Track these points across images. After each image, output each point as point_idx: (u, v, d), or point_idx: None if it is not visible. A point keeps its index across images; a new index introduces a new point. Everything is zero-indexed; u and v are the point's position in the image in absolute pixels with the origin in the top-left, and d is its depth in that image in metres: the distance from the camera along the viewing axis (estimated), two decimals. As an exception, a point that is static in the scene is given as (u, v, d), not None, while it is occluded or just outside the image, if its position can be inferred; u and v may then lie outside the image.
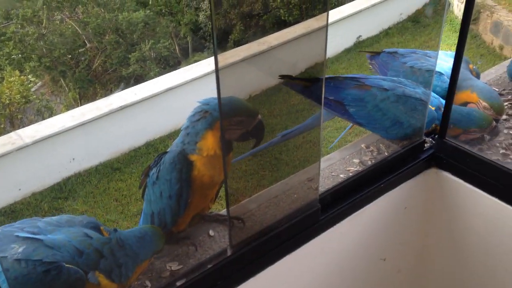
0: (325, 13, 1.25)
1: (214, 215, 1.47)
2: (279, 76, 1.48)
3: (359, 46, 8.59)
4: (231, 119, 1.28)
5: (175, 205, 1.34)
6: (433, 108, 1.72)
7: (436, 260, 1.86)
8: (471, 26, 8.75)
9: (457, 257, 1.79)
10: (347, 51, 8.70)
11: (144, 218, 1.40)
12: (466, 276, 1.81)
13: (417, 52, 1.89)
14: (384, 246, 1.74)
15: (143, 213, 1.42)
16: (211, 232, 1.44)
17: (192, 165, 1.33)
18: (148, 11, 10.38)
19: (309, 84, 1.43)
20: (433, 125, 1.73)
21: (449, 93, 1.62)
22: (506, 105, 1.96)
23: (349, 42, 8.50)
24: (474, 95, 1.75)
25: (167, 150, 1.38)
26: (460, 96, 1.78)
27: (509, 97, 2.01)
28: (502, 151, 1.73)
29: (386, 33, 8.90)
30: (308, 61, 1.40)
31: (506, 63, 2.21)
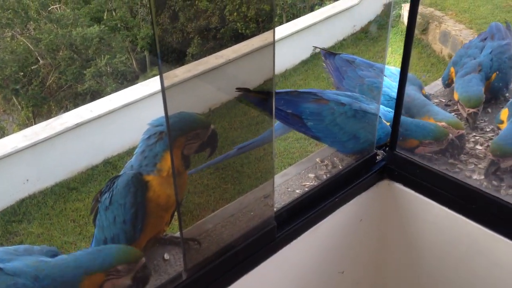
0: (271, 30, 1.25)
1: (169, 237, 1.44)
2: (236, 88, 1.48)
3: (316, 57, 8.75)
4: (187, 135, 1.28)
5: (130, 230, 1.31)
6: (388, 123, 1.77)
7: (393, 270, 1.90)
8: (422, 36, 9.06)
9: (413, 266, 1.84)
10: (304, 62, 8.84)
11: (96, 244, 1.36)
12: (423, 283, 1.86)
13: (375, 67, 1.94)
14: (341, 259, 1.76)
15: (94, 239, 1.37)
16: (166, 256, 1.41)
17: (148, 186, 1.31)
18: (103, 26, 10.21)
19: (265, 97, 1.45)
20: (389, 139, 1.78)
21: (397, 108, 1.66)
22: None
23: (305, 53, 8.66)
24: (432, 120, 1.81)
25: (120, 174, 1.35)
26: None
27: (455, 107, 2.09)
28: (450, 160, 1.79)
29: (341, 44, 9.10)
30: (259, 76, 1.40)
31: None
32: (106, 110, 6.29)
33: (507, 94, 2.03)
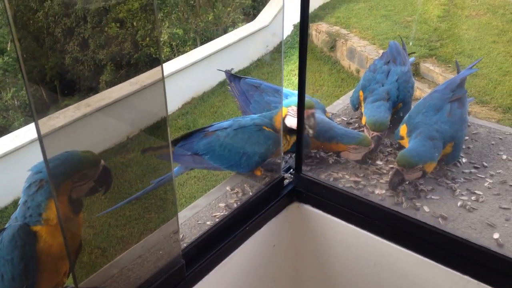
0: (159, 67, 1.23)
1: (69, 289, 1.35)
2: (142, 150, 1.55)
3: (233, 78, 8.79)
4: (73, 178, 1.20)
5: (19, 287, 1.20)
6: None
7: (310, 290, 1.92)
8: (331, 54, 9.47)
9: (328, 284, 1.87)
10: (222, 84, 8.89)
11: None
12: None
13: (280, 91, 1.97)
14: (257, 287, 1.75)
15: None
16: (67, 311, 1.32)
17: (37, 237, 1.21)
18: (7, 57, 9.61)
19: (167, 150, 1.44)
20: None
21: (299, 132, 1.70)
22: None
23: (223, 75, 8.68)
24: (340, 145, 1.86)
25: (5, 227, 1.24)
26: (330, 147, 1.91)
27: (356, 125, 2.18)
28: (353, 178, 1.85)
29: (256, 65, 9.28)
30: (152, 113, 1.37)
31: (352, 92, 2.40)
32: (14, 147, 5.89)
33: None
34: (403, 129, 1.90)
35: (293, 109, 1.76)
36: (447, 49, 8.08)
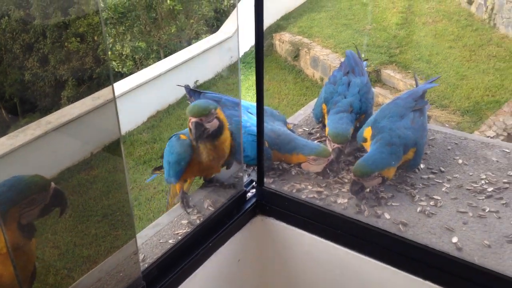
0: (109, 87, 1.20)
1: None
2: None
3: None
4: (20, 204, 1.15)
5: None
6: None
7: (278, 302, 1.91)
8: (295, 63, 9.56)
9: (295, 296, 1.86)
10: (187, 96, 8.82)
11: None
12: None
13: (240, 105, 1.97)
14: (223, 303, 1.72)
15: None
16: None
17: None
18: (-38, 75, 9.29)
19: None
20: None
21: (259, 146, 1.70)
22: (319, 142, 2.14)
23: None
24: (301, 156, 1.87)
25: None
26: (291, 159, 1.91)
27: (318, 135, 2.20)
28: (315, 188, 1.86)
29: (221, 76, 9.29)
30: (103, 135, 1.33)
31: (313, 102, 2.42)
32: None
33: None
34: (367, 132, 1.93)
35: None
36: (406, 55, 8.30)
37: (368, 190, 1.79)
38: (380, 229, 1.59)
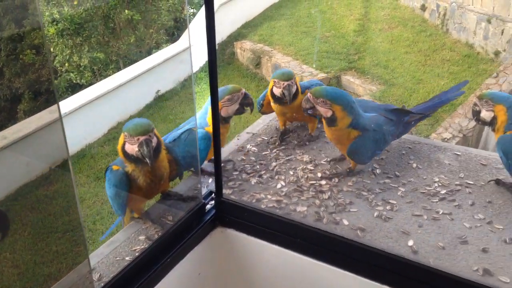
0: (55, 105, 1.16)
1: None
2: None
3: (160, 100, 8.72)
4: None
5: None
6: None
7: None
8: (257, 71, 9.59)
9: (258, 307, 1.85)
10: (149, 106, 8.74)
11: None
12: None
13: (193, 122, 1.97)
14: (185, 319, 1.69)
15: None
16: None
17: None
18: None
19: None
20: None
21: (216, 157, 1.69)
22: (275, 152, 2.15)
23: (149, 98, 8.58)
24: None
25: None
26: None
27: (276, 144, 2.20)
28: (275, 198, 1.86)
29: (183, 85, 9.23)
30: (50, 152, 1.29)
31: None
32: None
33: None
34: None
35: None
36: (365, 61, 8.49)
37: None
38: (338, 236, 1.60)
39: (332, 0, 10.56)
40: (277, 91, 2.09)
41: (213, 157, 1.85)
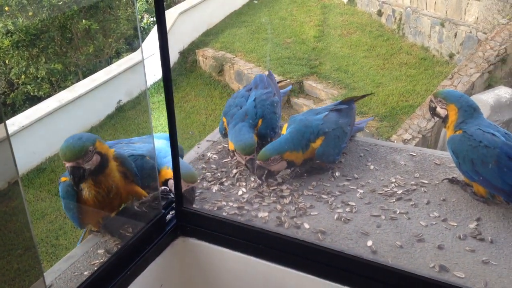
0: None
1: None
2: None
3: (122, 110, 8.59)
4: None
5: None
6: None
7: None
8: (220, 78, 9.57)
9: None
10: (110, 117, 8.59)
11: None
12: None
13: (122, 141, 1.91)
14: (148, 332, 1.66)
15: None
16: None
17: None
18: None
19: None
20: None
21: (175, 171, 1.68)
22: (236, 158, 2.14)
23: (110, 108, 8.44)
24: (170, 170, 1.83)
25: None
26: (162, 172, 1.83)
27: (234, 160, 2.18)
28: (235, 204, 1.86)
29: (145, 94, 9.11)
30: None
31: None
32: None
33: (273, 138, 2.21)
34: (284, 128, 2.08)
35: None
36: (326, 66, 8.64)
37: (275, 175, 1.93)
38: (299, 240, 1.61)
39: (292, 6, 10.70)
40: (240, 160, 2.04)
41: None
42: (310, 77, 8.43)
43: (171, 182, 1.78)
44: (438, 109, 1.90)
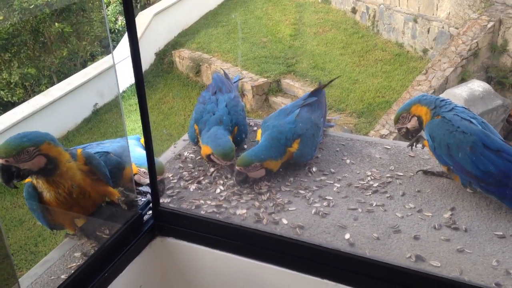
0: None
1: None
2: None
3: (98, 114, 8.49)
4: None
5: None
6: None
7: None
8: (197, 78, 9.54)
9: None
10: (87, 120, 8.49)
11: None
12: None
13: (94, 143, 1.88)
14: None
15: None
16: None
17: None
18: None
19: None
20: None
21: (151, 172, 1.67)
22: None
23: (87, 112, 8.33)
24: (134, 165, 1.83)
25: None
26: (126, 171, 1.80)
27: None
28: (214, 202, 1.86)
29: (123, 96, 9.04)
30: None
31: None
32: None
33: (245, 146, 2.22)
34: (259, 134, 2.08)
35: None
36: (303, 64, 8.69)
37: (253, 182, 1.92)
38: (278, 235, 1.62)
39: (267, 5, 10.74)
40: (218, 163, 2.01)
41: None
42: (288, 76, 8.47)
43: (137, 177, 1.82)
44: (409, 126, 1.92)
